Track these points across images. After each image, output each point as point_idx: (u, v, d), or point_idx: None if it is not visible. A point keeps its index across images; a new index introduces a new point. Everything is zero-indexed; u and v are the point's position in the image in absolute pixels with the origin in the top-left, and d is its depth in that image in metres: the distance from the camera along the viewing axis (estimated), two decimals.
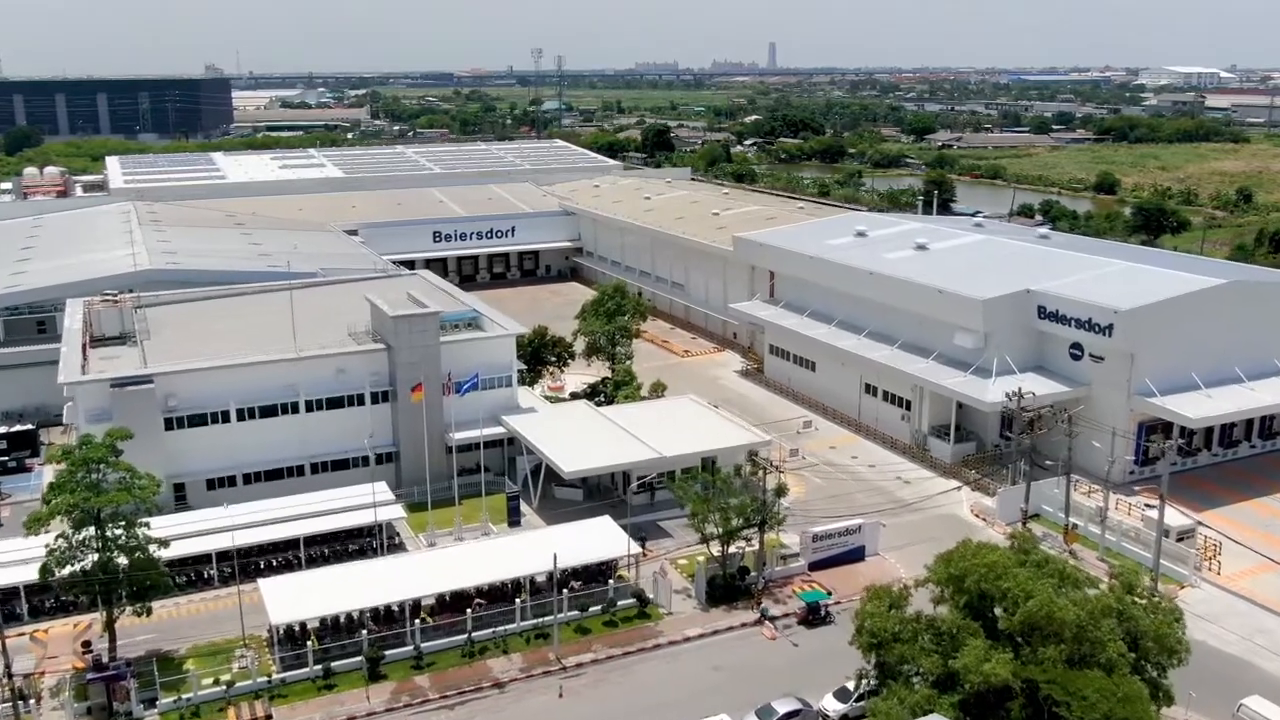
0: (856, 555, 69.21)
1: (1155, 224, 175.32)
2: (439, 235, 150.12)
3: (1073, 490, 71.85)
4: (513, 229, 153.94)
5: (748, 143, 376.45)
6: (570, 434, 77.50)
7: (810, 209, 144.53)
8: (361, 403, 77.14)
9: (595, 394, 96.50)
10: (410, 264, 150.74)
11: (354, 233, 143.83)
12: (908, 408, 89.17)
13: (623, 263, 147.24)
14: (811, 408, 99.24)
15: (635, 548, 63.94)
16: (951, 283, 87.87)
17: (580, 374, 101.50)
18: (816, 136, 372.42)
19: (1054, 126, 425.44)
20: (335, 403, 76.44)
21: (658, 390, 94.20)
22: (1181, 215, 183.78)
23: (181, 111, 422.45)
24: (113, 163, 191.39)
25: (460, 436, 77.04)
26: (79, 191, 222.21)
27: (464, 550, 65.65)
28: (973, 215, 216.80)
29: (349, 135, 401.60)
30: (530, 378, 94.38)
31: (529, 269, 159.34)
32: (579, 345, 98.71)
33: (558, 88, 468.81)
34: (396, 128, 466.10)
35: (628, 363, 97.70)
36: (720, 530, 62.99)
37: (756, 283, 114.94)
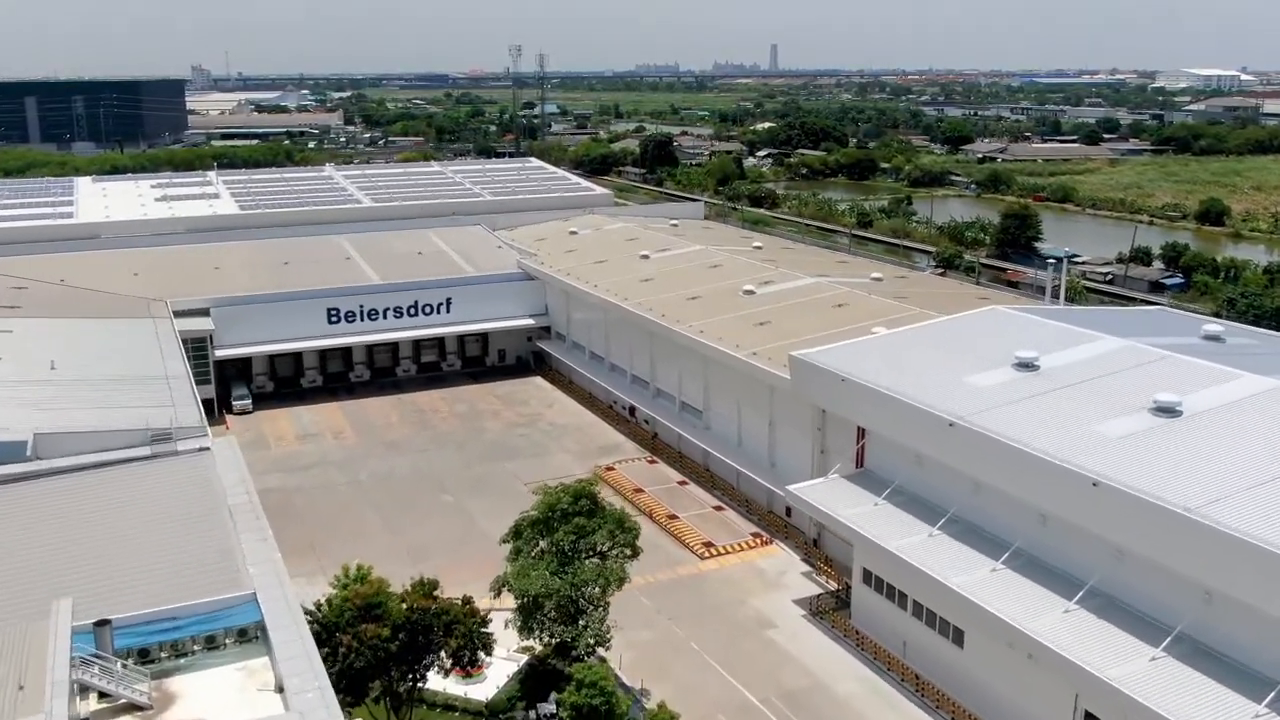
0: None
1: None
2: (336, 314, 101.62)
3: None
4: (447, 301, 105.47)
5: (761, 154, 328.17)
6: None
7: (892, 280, 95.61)
8: None
9: (540, 690, 49.14)
10: (296, 358, 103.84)
11: (205, 312, 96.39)
12: None
13: (606, 358, 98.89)
14: (952, 713, 51.59)
15: None
16: None
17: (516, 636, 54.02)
18: (840, 148, 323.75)
19: (1104, 135, 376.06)
20: None
21: None
22: None
23: (121, 117, 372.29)
24: None
25: None
26: None
27: None
28: (1063, 259, 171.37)
29: (310, 145, 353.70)
30: (409, 677, 46.84)
31: (473, 356, 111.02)
32: (506, 610, 51.05)
33: (540, 90, 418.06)
34: (369, 135, 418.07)
35: (602, 651, 49.69)
36: None
37: (830, 437, 66.75)
